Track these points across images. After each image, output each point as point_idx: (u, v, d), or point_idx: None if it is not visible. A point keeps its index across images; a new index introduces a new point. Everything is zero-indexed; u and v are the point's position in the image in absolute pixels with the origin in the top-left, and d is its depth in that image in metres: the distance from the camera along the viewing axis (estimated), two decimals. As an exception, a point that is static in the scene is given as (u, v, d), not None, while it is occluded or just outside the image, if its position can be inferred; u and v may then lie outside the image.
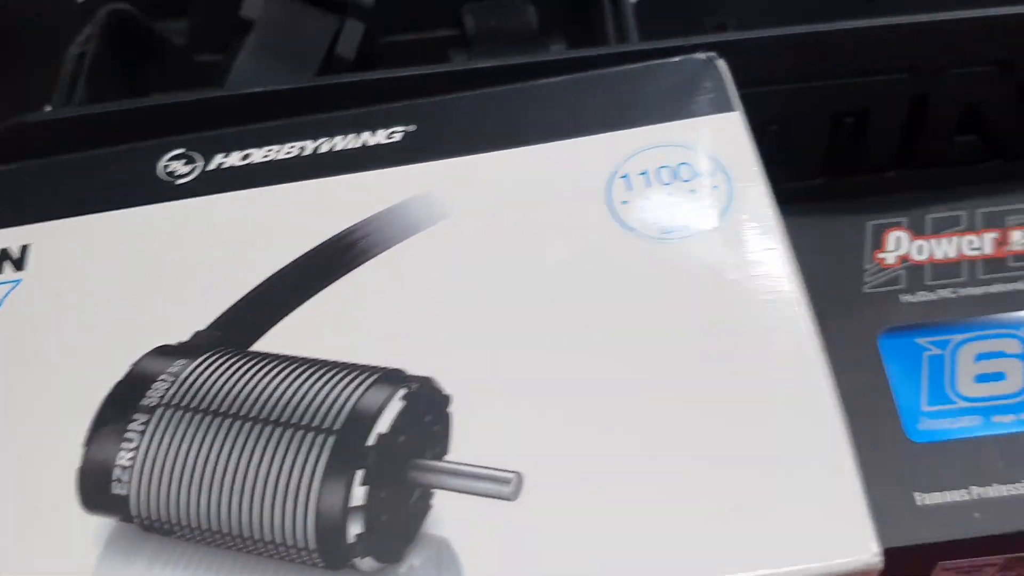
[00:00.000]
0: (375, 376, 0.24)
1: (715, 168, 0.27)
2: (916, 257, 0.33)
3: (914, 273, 0.33)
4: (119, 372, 0.25)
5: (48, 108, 0.36)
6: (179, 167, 0.29)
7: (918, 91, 0.33)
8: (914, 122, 0.34)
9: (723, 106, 0.28)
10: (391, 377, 0.24)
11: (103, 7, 0.40)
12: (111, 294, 0.27)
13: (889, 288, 0.32)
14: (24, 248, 0.28)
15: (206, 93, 0.33)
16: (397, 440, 0.23)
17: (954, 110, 0.34)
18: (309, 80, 0.31)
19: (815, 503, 0.22)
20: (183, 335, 0.26)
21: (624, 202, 0.27)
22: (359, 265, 0.27)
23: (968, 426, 0.30)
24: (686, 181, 0.27)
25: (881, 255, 0.33)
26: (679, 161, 0.27)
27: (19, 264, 0.28)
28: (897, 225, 0.33)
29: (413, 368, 0.24)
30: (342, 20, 0.39)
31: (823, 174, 0.35)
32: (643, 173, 0.27)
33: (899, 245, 0.33)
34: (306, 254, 0.27)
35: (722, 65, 0.29)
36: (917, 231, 0.33)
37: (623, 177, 0.27)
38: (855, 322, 0.31)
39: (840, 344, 0.32)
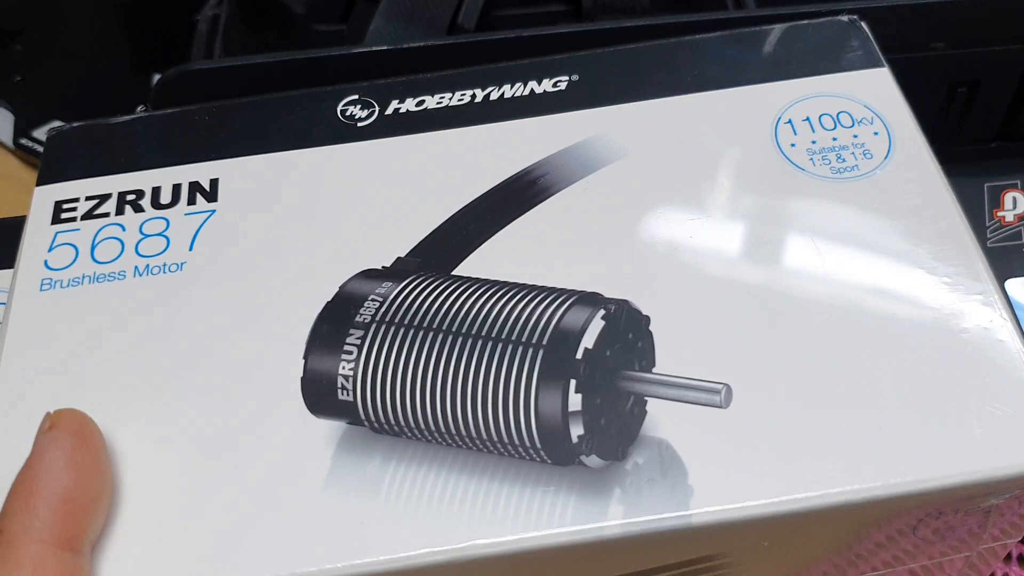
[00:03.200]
0: (575, 298, 0.26)
1: (873, 116, 0.29)
2: (1033, 215, 0.35)
3: (1032, 229, 0.35)
4: (322, 293, 0.26)
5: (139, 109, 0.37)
6: (357, 111, 0.31)
7: (1029, 63, 0.35)
8: (1019, 95, 0.36)
9: (872, 62, 0.30)
10: (590, 299, 0.26)
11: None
12: (303, 225, 0.28)
13: (1011, 243, 0.35)
14: (214, 181, 0.29)
15: (373, 47, 0.35)
16: (604, 354, 0.25)
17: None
18: (473, 36, 0.33)
19: (1010, 410, 0.24)
20: (377, 262, 0.27)
21: (792, 145, 0.29)
22: (542, 201, 0.28)
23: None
24: (848, 127, 0.29)
25: (1000, 213, 0.35)
26: (839, 109, 0.29)
27: (211, 196, 0.29)
28: (1012, 187, 0.36)
29: (608, 292, 0.26)
30: (464, -8, 0.41)
31: (933, 143, 0.37)
32: (806, 119, 0.29)
33: (1016, 204, 0.35)
34: (491, 190, 0.29)
35: (864, 26, 0.31)
36: (1033, 191, 0.36)
37: (787, 123, 0.29)
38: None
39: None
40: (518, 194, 0.29)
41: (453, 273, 0.27)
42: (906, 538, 0.25)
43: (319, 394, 0.25)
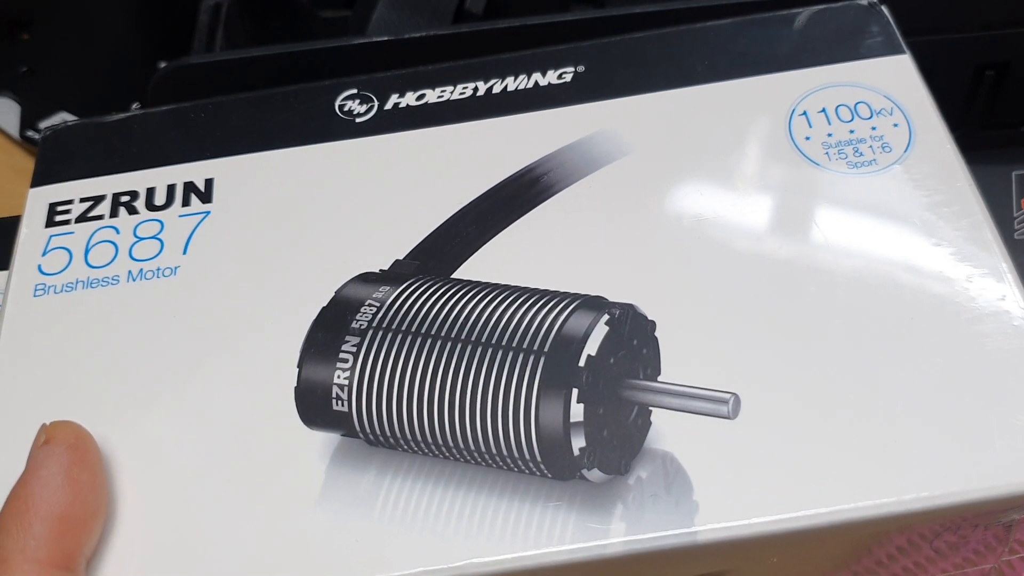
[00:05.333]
0: (578, 302, 0.25)
1: (893, 107, 0.28)
2: (1063, 206, 0.34)
3: (1062, 219, 0.34)
4: (317, 298, 0.26)
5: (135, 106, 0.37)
6: (355, 106, 0.30)
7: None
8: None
9: (892, 48, 0.29)
10: (593, 303, 0.25)
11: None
12: (300, 226, 0.28)
13: (1039, 234, 0.33)
14: (209, 182, 0.29)
15: (373, 38, 0.34)
16: (607, 362, 0.24)
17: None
18: (476, 25, 0.32)
19: None
20: (375, 265, 0.26)
21: (807, 138, 0.27)
22: (545, 199, 0.27)
23: None
24: (866, 119, 0.28)
25: None
26: (856, 100, 0.28)
27: (205, 197, 0.28)
28: (1041, 175, 0.34)
29: (612, 296, 0.25)
30: (472, -25, 0.40)
31: (960, 127, 0.36)
32: (822, 111, 0.28)
33: (1045, 194, 0.34)
34: (493, 188, 0.28)
35: (885, 10, 0.30)
36: (1061, 181, 0.34)
37: (802, 115, 0.28)
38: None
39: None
40: (520, 193, 0.28)
41: (453, 276, 0.26)
42: (923, 549, 0.24)
43: (313, 405, 0.24)
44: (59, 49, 0.49)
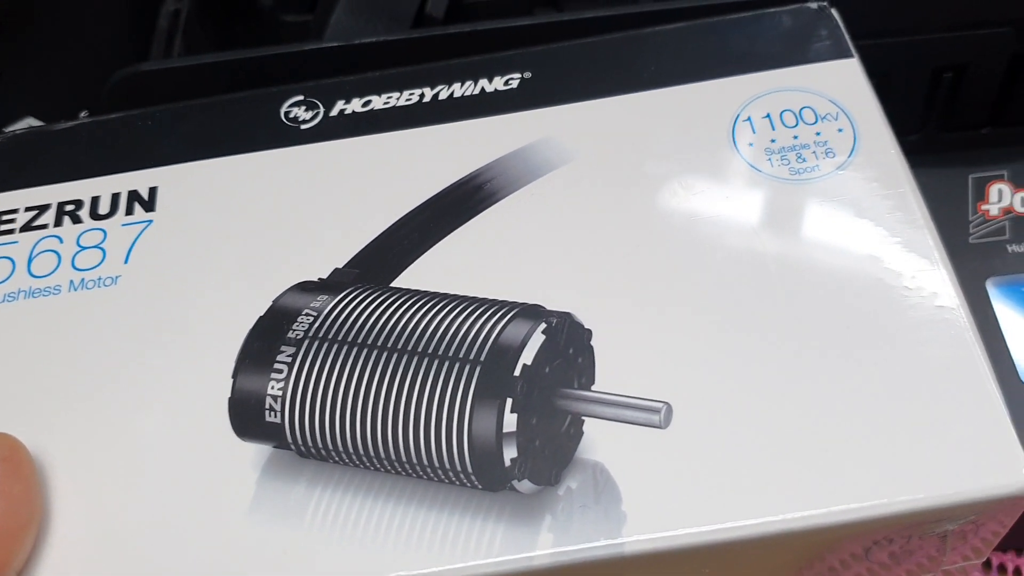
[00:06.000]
0: (515, 311, 0.25)
1: (838, 111, 0.27)
2: (1020, 208, 0.33)
3: (1019, 224, 0.33)
4: (257, 308, 0.26)
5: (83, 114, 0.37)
6: (301, 113, 0.30)
7: (1018, 46, 0.33)
8: (1012, 78, 0.34)
9: (840, 52, 0.29)
10: (531, 312, 0.25)
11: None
12: (242, 234, 0.27)
13: (995, 239, 0.33)
14: (152, 190, 0.29)
15: (326, 43, 0.34)
16: (543, 371, 0.24)
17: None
18: (427, 30, 0.32)
19: (964, 432, 0.22)
20: (316, 274, 0.26)
21: (750, 144, 0.27)
22: (487, 207, 0.27)
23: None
24: (811, 124, 0.27)
25: (984, 207, 0.33)
26: (802, 105, 0.28)
27: (149, 205, 0.28)
28: (998, 178, 0.34)
29: (551, 303, 0.25)
30: (433, -22, 0.39)
31: (918, 131, 0.36)
32: (766, 116, 0.28)
33: (1002, 197, 0.33)
34: (435, 196, 0.27)
35: (835, 13, 0.29)
36: (1019, 183, 0.34)
37: (746, 120, 0.28)
38: (964, 270, 0.31)
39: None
40: (462, 200, 0.27)
41: (392, 285, 0.26)
42: (860, 562, 0.24)
43: (246, 416, 0.24)
44: (30, 53, 0.49)
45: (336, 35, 0.37)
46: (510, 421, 0.23)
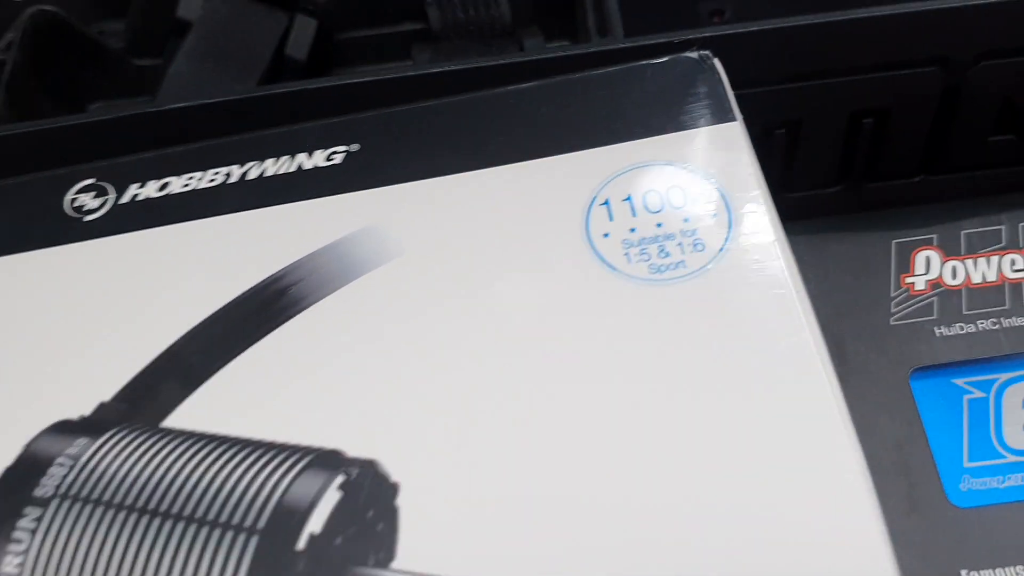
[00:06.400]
0: (307, 459, 0.20)
1: (712, 192, 0.23)
2: (950, 281, 0.28)
3: (949, 301, 0.28)
4: (11, 454, 0.21)
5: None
6: (88, 201, 0.25)
7: (948, 86, 0.29)
8: (943, 121, 0.30)
9: (720, 115, 0.24)
10: (326, 461, 0.20)
11: (27, 8, 0.35)
12: (4, 356, 0.23)
13: (920, 319, 0.28)
14: (-96, 302, 0.24)
15: (118, 112, 0.29)
16: (333, 542, 0.19)
17: (989, 106, 0.29)
18: (238, 92, 0.27)
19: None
20: (86, 406, 0.22)
21: (605, 235, 0.23)
22: (292, 317, 0.23)
23: (1021, 485, 0.25)
24: (678, 208, 0.23)
25: (909, 279, 0.28)
26: (670, 184, 0.23)
27: (-102, 322, 0.24)
28: (926, 244, 0.29)
29: (355, 448, 0.20)
30: (291, 17, 0.35)
31: (838, 182, 0.31)
32: (627, 199, 0.23)
33: (929, 267, 0.28)
34: (228, 306, 0.23)
35: (717, 65, 0.25)
36: (950, 250, 0.29)
37: (603, 204, 0.23)
38: (882, 360, 0.27)
39: (865, 386, 0.27)
40: (260, 311, 0.23)
41: (164, 424, 0.21)
42: None
43: (-27, 601, 0.20)
44: None
45: (175, 87, 0.32)
46: (286, 612, 0.18)
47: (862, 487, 0.19)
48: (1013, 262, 0.28)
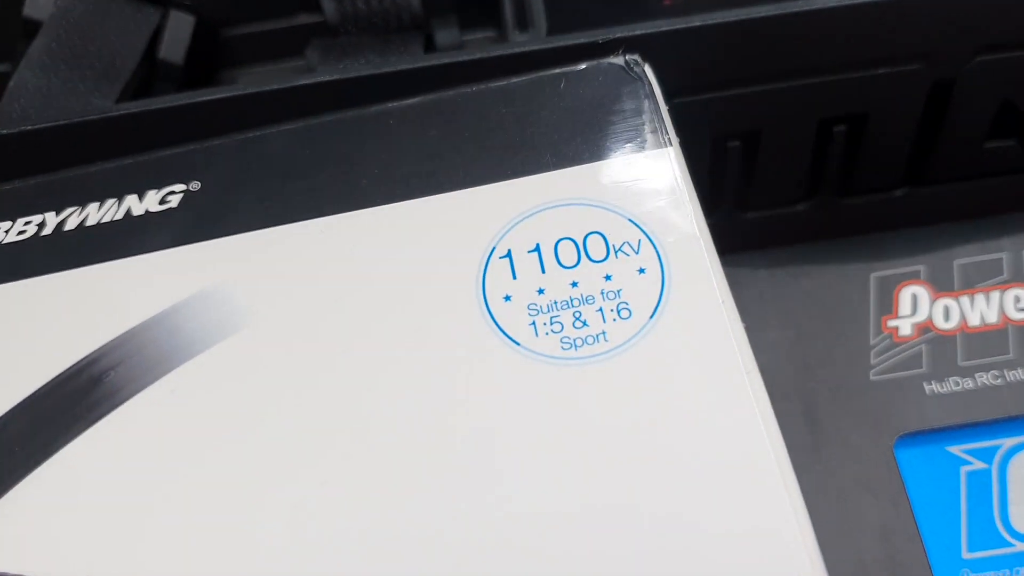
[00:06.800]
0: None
1: (640, 238, 0.18)
2: (942, 325, 0.23)
3: (941, 349, 0.23)
4: None
5: None
6: None
7: (935, 86, 0.24)
8: (929, 127, 0.25)
9: (650, 137, 0.19)
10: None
11: None
12: None
13: (906, 372, 0.23)
14: None
15: None
16: None
17: (985, 108, 0.24)
18: (80, 113, 0.22)
19: None
20: None
21: (506, 298, 0.18)
22: (106, 413, 0.18)
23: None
24: (598, 262, 0.18)
25: (893, 323, 0.23)
26: (587, 230, 0.18)
27: None
28: (912, 277, 0.24)
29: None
30: (164, 13, 0.29)
31: (807, 197, 0.26)
32: (533, 250, 0.18)
33: (917, 307, 0.23)
34: (25, 402, 0.18)
35: (648, 72, 0.20)
36: (941, 285, 0.24)
37: (504, 257, 0.18)
38: (862, 425, 0.22)
39: (842, 459, 0.23)
40: (71, 404, 0.18)
41: (-67, 565, 0.16)
42: None
43: None
44: None
45: (18, 101, 0.27)
46: None
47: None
48: (1018, 299, 0.23)
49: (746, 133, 0.24)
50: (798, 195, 0.26)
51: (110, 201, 0.20)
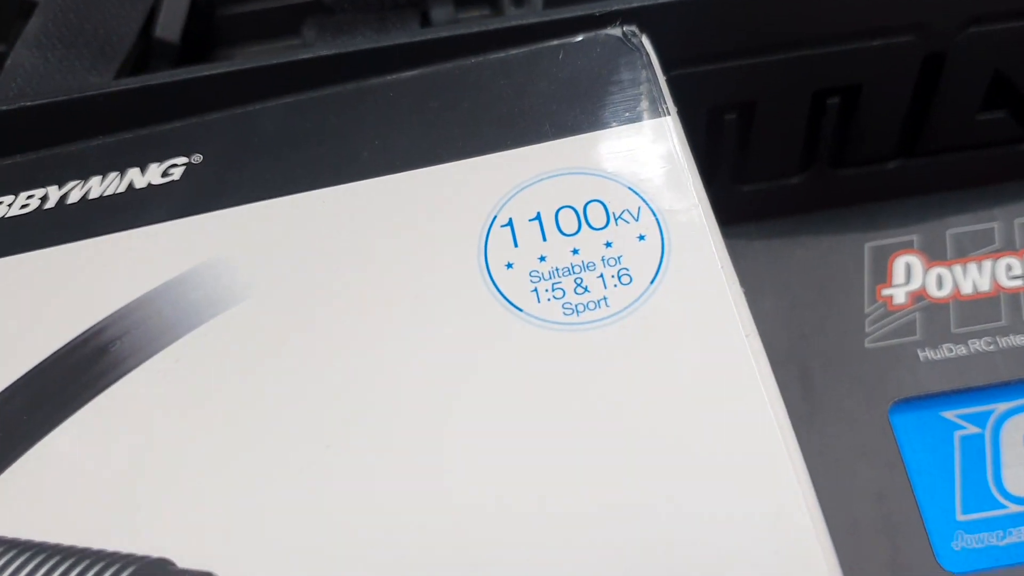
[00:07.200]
0: (128, 572, 0.16)
1: (640, 206, 0.18)
2: (935, 293, 0.23)
3: (934, 317, 0.24)
4: None
5: None
6: None
7: (928, 57, 0.24)
8: (922, 98, 0.25)
9: (649, 108, 0.19)
10: (152, 573, 0.16)
11: None
12: None
13: (901, 340, 0.23)
14: None
15: None
16: None
17: (978, 79, 0.25)
18: (83, 88, 0.22)
19: None
20: None
21: (508, 265, 0.18)
22: (113, 382, 0.18)
23: (1024, 541, 0.21)
24: (598, 229, 0.18)
25: (887, 292, 0.24)
26: (587, 198, 0.18)
27: None
28: (906, 247, 0.24)
29: (190, 555, 0.16)
30: (160, -8, 0.29)
31: (801, 170, 0.26)
32: (534, 219, 0.18)
33: (911, 276, 0.24)
34: (31, 373, 0.18)
35: (646, 44, 0.20)
36: (934, 254, 0.24)
37: (505, 226, 0.18)
38: (857, 392, 0.22)
39: (837, 425, 0.23)
40: (74, 375, 0.18)
41: (-55, 532, 0.17)
42: None
43: None
44: None
45: (14, 81, 0.27)
46: None
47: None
48: (1009, 267, 0.23)
49: (742, 105, 0.24)
50: (792, 168, 0.26)
51: (112, 174, 0.20)
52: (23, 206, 0.20)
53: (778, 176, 0.26)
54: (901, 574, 0.20)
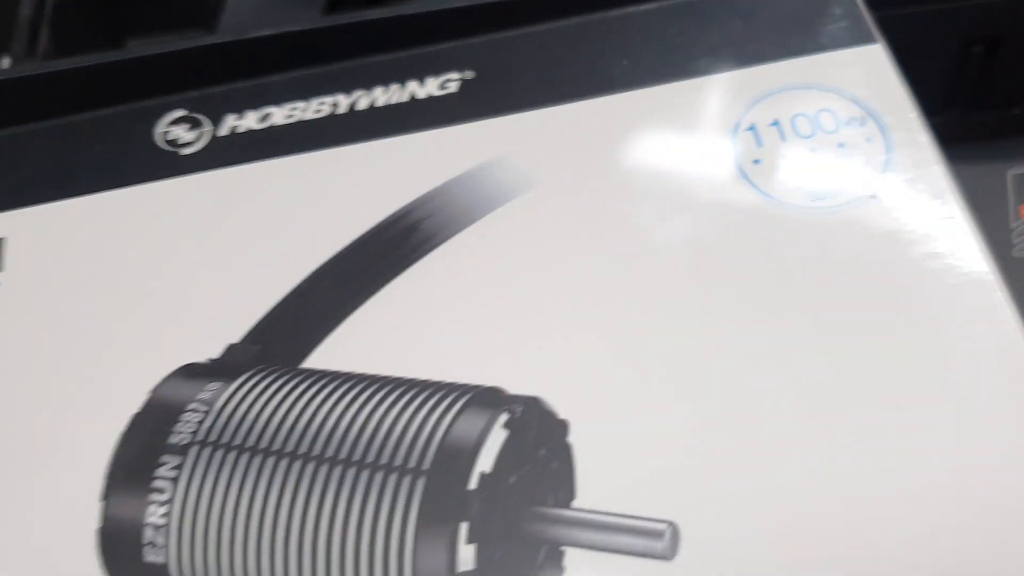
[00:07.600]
0: (467, 397, 0.19)
1: (864, 114, 0.22)
2: (1068, 210, 0.28)
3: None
4: (132, 396, 0.20)
5: (5, 61, 0.30)
6: (182, 133, 0.23)
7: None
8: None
9: (861, 36, 0.23)
10: (488, 399, 0.19)
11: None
12: (111, 297, 0.21)
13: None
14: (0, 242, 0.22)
15: (197, 41, 0.27)
16: (507, 481, 0.18)
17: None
18: (330, 19, 0.25)
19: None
20: (206, 350, 0.20)
21: (756, 161, 0.21)
22: (422, 256, 0.21)
23: None
24: (830, 132, 0.22)
25: None
26: (819, 107, 0.22)
27: (-9, 264, 0.22)
28: (1040, 174, 0.28)
29: (513, 386, 0.19)
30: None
31: (945, 110, 0.30)
32: (774, 124, 0.22)
33: (1046, 199, 0.28)
34: (354, 244, 0.21)
35: (852, -17, 0.24)
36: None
37: (749, 130, 0.22)
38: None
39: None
40: (390, 248, 0.21)
41: (303, 366, 0.20)
42: None
43: (121, 554, 0.18)
44: None
45: (233, 21, 0.30)
46: (466, 556, 0.17)
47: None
48: None
49: (898, 49, 0.28)
50: (934, 108, 0.30)
51: (394, 86, 0.24)
52: (316, 111, 0.23)
53: (925, 114, 0.30)
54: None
